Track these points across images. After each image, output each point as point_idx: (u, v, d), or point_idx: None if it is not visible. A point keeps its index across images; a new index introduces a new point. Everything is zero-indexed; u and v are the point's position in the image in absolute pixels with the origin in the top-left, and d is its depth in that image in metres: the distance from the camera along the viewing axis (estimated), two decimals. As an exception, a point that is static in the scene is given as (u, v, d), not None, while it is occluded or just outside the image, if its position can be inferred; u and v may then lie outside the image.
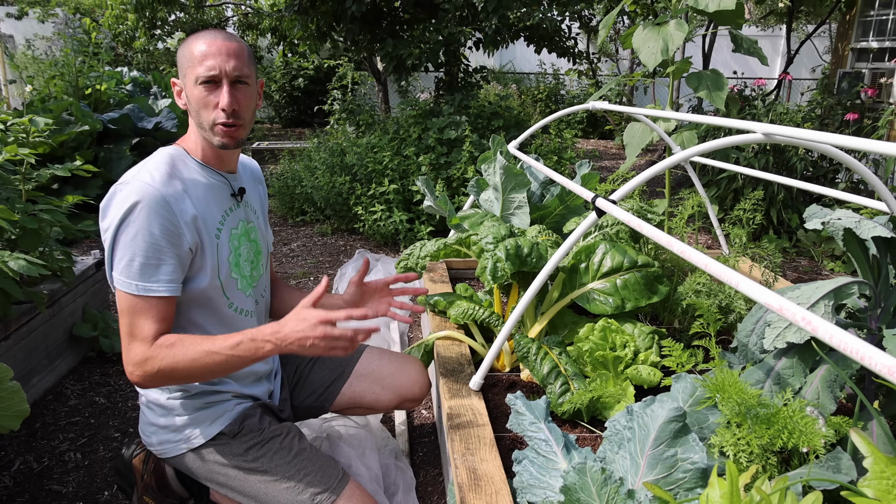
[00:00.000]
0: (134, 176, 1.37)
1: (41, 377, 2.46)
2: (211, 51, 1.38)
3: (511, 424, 1.38)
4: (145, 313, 1.35)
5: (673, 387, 1.33)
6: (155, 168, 1.39)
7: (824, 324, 0.73)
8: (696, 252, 1.05)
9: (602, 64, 10.43)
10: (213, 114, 1.40)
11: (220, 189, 1.52)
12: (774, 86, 5.48)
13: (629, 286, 1.89)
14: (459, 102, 4.46)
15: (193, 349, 1.33)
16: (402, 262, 2.16)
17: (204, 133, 1.44)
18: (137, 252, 1.33)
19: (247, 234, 1.59)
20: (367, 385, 1.82)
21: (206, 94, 1.39)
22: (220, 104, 1.38)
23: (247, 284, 1.58)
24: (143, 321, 1.35)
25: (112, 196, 1.36)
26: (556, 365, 1.73)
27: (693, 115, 1.75)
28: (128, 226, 1.33)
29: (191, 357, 1.33)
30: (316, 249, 4.28)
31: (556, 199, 2.41)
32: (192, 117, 1.45)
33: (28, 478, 1.96)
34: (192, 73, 1.38)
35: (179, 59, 1.43)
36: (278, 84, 10.47)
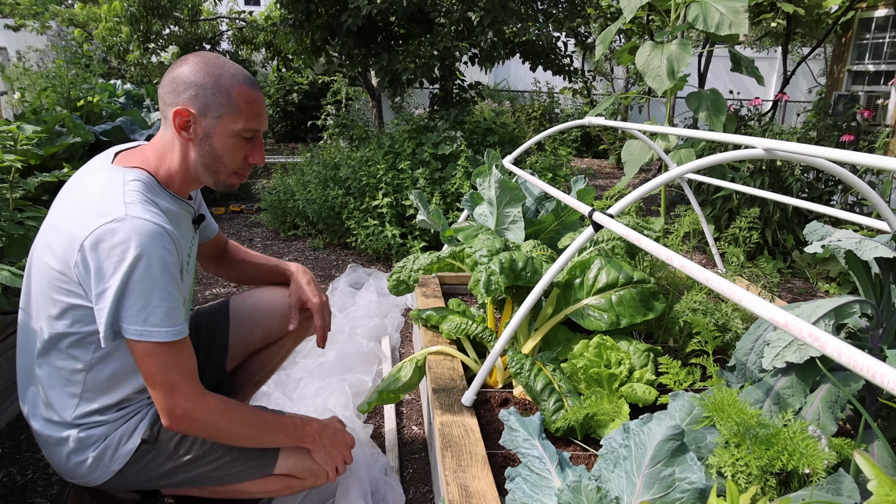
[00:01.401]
0: (115, 211, 1.23)
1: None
2: (260, 108, 1.37)
3: (504, 441, 1.34)
4: (181, 359, 1.29)
5: (670, 405, 1.30)
6: (137, 200, 1.28)
7: (833, 340, 0.71)
8: (697, 267, 1.03)
9: (597, 83, 10.51)
10: (238, 164, 1.40)
11: (186, 219, 1.48)
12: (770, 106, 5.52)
13: (624, 302, 1.87)
14: (454, 118, 4.46)
15: (249, 413, 1.40)
16: (395, 276, 2.13)
17: (211, 176, 1.40)
18: (158, 294, 1.24)
19: (194, 256, 1.58)
20: (249, 325, 1.82)
21: (241, 146, 1.37)
22: (253, 160, 1.41)
23: (189, 304, 1.56)
24: (183, 367, 1.29)
25: (102, 238, 1.22)
26: (550, 381, 1.70)
27: (693, 130, 1.74)
28: (139, 269, 1.21)
29: (245, 421, 1.38)
30: (308, 264, 4.24)
31: (552, 214, 2.39)
32: (198, 157, 1.37)
33: (11, 490, 1.90)
34: (235, 123, 1.34)
35: (207, 95, 1.32)
36: (272, 99, 10.47)
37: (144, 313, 1.23)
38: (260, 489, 1.53)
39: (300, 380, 2.44)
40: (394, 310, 3.22)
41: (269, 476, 1.50)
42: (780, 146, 1.48)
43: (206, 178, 1.41)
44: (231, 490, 1.51)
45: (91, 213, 1.24)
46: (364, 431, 2.09)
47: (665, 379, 1.36)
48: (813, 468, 0.96)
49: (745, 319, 1.98)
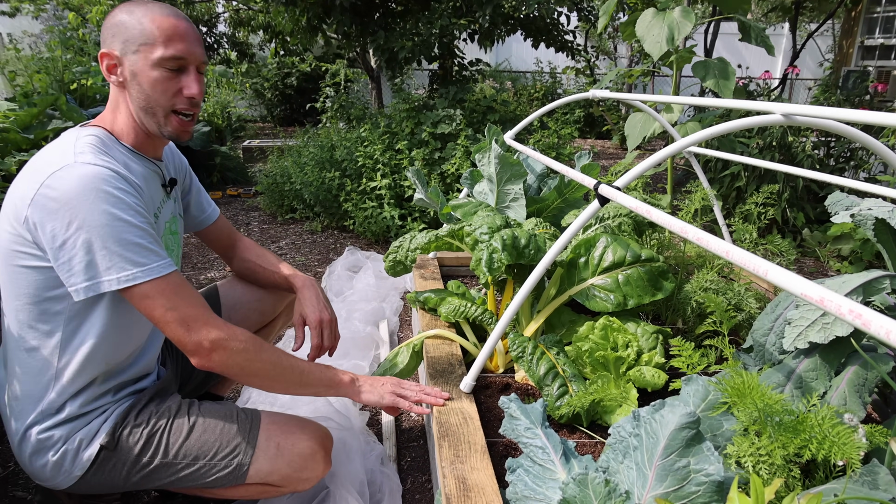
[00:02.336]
0: (64, 163, 1.17)
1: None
2: (178, 32, 1.25)
3: (504, 430, 1.26)
4: (185, 290, 1.22)
5: (683, 389, 1.21)
6: (88, 149, 1.21)
7: (878, 317, 0.61)
8: (715, 239, 0.93)
9: (600, 62, 10.33)
10: (173, 100, 1.28)
11: (153, 179, 1.38)
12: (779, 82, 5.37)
13: (632, 282, 1.77)
14: (454, 96, 4.33)
15: (274, 351, 1.32)
16: (391, 256, 2.03)
17: (151, 119, 1.30)
18: (132, 231, 1.16)
19: (171, 227, 1.48)
20: (244, 311, 1.76)
21: (167, 78, 1.26)
22: (188, 92, 1.28)
23: None
24: (191, 298, 1.22)
25: (51, 186, 1.14)
26: (554, 366, 1.61)
27: (704, 98, 1.63)
28: (98, 212, 1.13)
29: (276, 355, 1.31)
30: (305, 247, 4.15)
31: (554, 191, 2.28)
32: (133, 100, 1.29)
33: (-11, 483, 1.83)
34: (152, 53, 1.24)
35: (123, 32, 1.25)
36: (271, 82, 10.31)
37: (123, 255, 1.15)
38: (234, 494, 1.44)
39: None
40: (392, 293, 3.13)
41: (243, 485, 1.40)
42: (801, 110, 1.37)
43: (150, 123, 1.31)
44: (204, 492, 1.44)
45: (41, 169, 1.18)
46: (360, 419, 2.01)
47: (677, 362, 1.27)
48: (847, 459, 0.87)
49: (759, 299, 1.88)
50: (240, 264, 1.78)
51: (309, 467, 1.40)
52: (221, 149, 6.15)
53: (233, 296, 1.78)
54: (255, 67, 10.42)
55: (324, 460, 1.43)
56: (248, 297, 1.79)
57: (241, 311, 1.77)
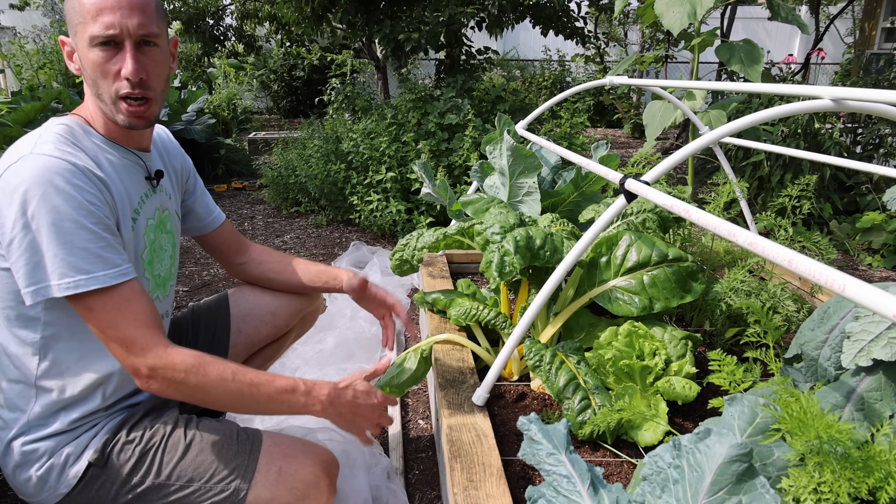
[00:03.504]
0: (22, 154, 1.07)
1: None
2: (107, 4, 1.08)
3: (524, 454, 1.12)
4: (130, 306, 1.08)
5: (726, 411, 1.07)
6: (51, 140, 1.10)
7: None
8: (774, 245, 0.79)
9: (610, 49, 10.10)
10: (115, 84, 1.13)
11: (133, 170, 1.25)
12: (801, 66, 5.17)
13: (658, 284, 1.63)
14: (462, 85, 4.18)
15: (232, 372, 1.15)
16: (398, 254, 1.90)
17: (105, 106, 1.16)
18: (80, 235, 1.04)
19: (162, 225, 1.34)
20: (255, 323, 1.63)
21: (104, 60, 1.10)
22: (124, 72, 1.11)
23: (156, 286, 1.33)
24: (135, 316, 1.08)
25: (6, 180, 1.04)
26: (575, 376, 1.47)
27: (742, 83, 1.48)
28: (45, 210, 1.03)
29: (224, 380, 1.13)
30: (310, 242, 4.02)
31: (571, 184, 2.14)
32: (87, 86, 1.16)
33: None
34: (85, 32, 1.09)
35: (68, 12, 1.13)
36: (277, 74, 10.16)
37: (67, 260, 1.03)
38: None
39: (296, 369, 2.24)
40: (399, 290, 3.00)
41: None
42: (852, 94, 1.22)
43: (105, 110, 1.17)
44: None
45: (3, 161, 1.08)
46: (365, 429, 1.88)
47: (717, 378, 1.13)
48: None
49: (797, 300, 1.74)
50: (257, 267, 1.64)
51: (312, 496, 1.26)
52: (226, 141, 6.03)
53: (244, 306, 1.66)
54: (261, 59, 10.28)
55: (328, 489, 1.29)
56: (261, 308, 1.67)
57: (252, 323, 1.65)
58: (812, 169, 3.36)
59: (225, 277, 3.32)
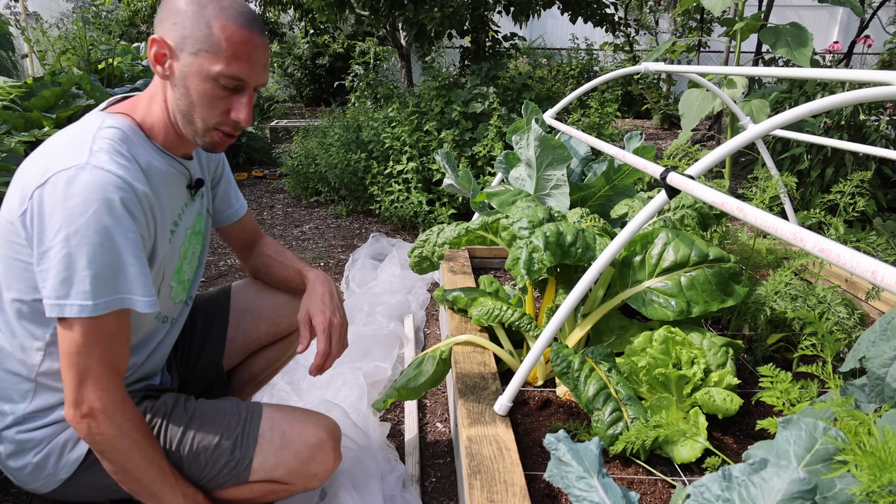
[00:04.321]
0: (77, 163, 1.03)
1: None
2: (248, 50, 1.09)
3: (551, 476, 1.02)
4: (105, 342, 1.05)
5: (780, 435, 0.95)
6: (106, 149, 1.06)
7: None
8: (853, 253, 0.67)
9: (640, 37, 9.83)
10: (220, 119, 1.13)
11: (176, 180, 1.23)
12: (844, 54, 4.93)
13: (697, 286, 1.51)
14: (487, 72, 4.05)
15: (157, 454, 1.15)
16: (417, 251, 1.80)
17: (188, 126, 1.14)
18: (99, 258, 1.02)
19: (199, 233, 1.34)
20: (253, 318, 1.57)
21: (219, 97, 1.10)
22: (236, 115, 1.13)
23: (181, 291, 1.33)
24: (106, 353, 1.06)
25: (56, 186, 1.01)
26: (605, 385, 1.36)
27: (791, 69, 1.35)
28: (91, 231, 1.00)
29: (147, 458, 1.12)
30: (329, 232, 3.95)
31: (602, 177, 2.01)
32: (174, 100, 1.13)
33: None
34: (210, 63, 1.08)
35: (186, 25, 1.08)
36: (301, 62, 10.10)
37: (71, 281, 1.01)
38: (237, 496, 1.29)
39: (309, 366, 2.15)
40: (419, 284, 2.90)
41: (246, 483, 1.26)
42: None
43: (186, 129, 1.16)
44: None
45: (53, 159, 1.05)
46: (379, 431, 1.79)
47: (769, 397, 1.01)
48: None
49: (847, 305, 1.60)
50: (256, 259, 1.60)
51: (317, 459, 1.26)
52: (248, 129, 5.98)
53: (245, 299, 1.60)
54: (286, 47, 10.23)
55: (333, 451, 1.29)
56: (262, 303, 1.60)
57: (251, 319, 1.59)
58: (856, 163, 3.18)
59: (242, 268, 3.26)
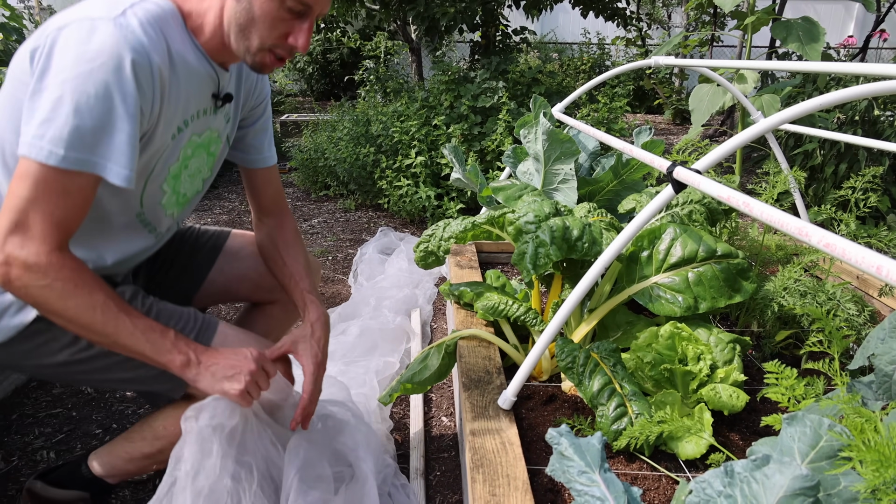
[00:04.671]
0: (110, 14, 0.99)
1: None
2: None
3: (552, 470, 1.02)
4: (61, 199, 0.98)
5: (784, 432, 0.94)
6: (142, 15, 1.02)
7: None
8: (859, 248, 0.66)
9: (652, 31, 9.75)
10: (276, 41, 1.11)
11: (203, 82, 1.18)
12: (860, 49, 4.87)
13: (705, 282, 1.50)
14: (496, 67, 4.03)
15: (104, 293, 1.04)
16: (422, 245, 1.80)
17: (241, 41, 1.11)
18: (85, 109, 0.96)
19: (206, 146, 1.27)
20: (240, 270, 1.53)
21: (282, 19, 1.09)
22: (294, 42, 1.12)
23: (174, 203, 1.26)
24: (52, 209, 0.98)
25: (75, 30, 0.97)
26: (610, 381, 1.36)
27: (801, 63, 1.33)
28: (90, 82, 0.96)
29: (93, 303, 1.02)
30: (338, 226, 3.96)
31: (610, 172, 2.00)
32: (231, 11, 1.09)
33: (-9, 479, 1.70)
34: None
35: None
36: (312, 56, 10.13)
37: (51, 124, 0.96)
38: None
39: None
40: (426, 279, 2.91)
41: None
42: (943, 74, 1.07)
43: (238, 43, 1.12)
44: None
45: (83, 10, 1.01)
46: (383, 426, 1.80)
47: (773, 393, 1.00)
48: None
49: (858, 302, 1.58)
50: (268, 238, 1.50)
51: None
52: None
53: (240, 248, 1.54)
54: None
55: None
56: (253, 260, 1.53)
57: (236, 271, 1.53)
58: (870, 159, 3.14)
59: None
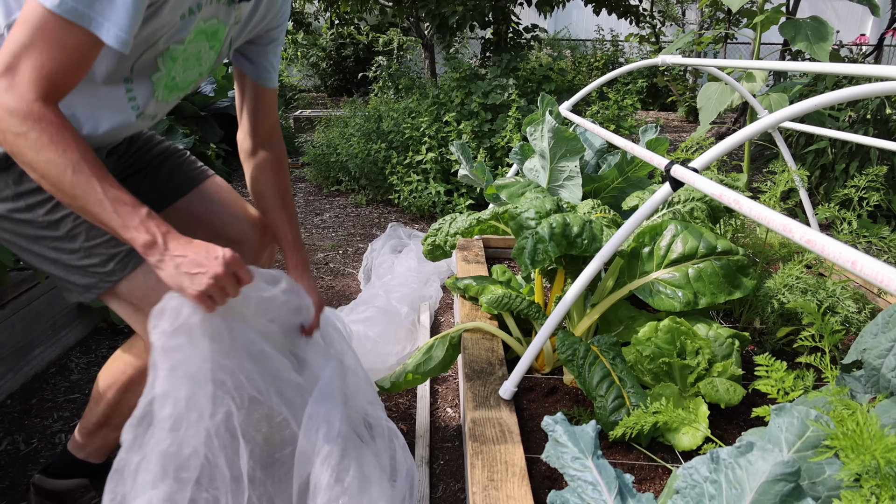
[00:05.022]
0: None
1: (44, 349, 2.28)
2: None
3: (548, 456, 1.06)
4: (54, 50, 0.94)
5: (772, 423, 0.97)
6: None
7: None
8: (836, 243, 0.69)
9: (666, 28, 9.71)
10: None
11: None
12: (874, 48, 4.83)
13: (704, 277, 1.52)
14: (507, 64, 4.06)
15: (80, 153, 0.97)
16: (430, 239, 1.84)
17: None
18: None
19: (214, 36, 1.21)
20: (202, 214, 1.46)
21: None
22: None
23: (164, 84, 1.22)
24: (44, 59, 0.93)
25: None
26: (609, 373, 1.39)
27: (800, 63, 1.35)
28: None
29: (65, 161, 0.95)
30: (349, 221, 4.01)
31: (615, 169, 2.03)
32: None
33: (13, 460, 1.77)
34: None
35: None
36: (325, 52, 10.18)
37: None
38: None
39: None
40: (434, 277, 2.94)
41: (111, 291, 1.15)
42: (937, 75, 1.09)
43: None
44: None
45: None
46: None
47: (763, 385, 1.03)
48: None
49: (858, 300, 1.60)
50: (259, 172, 1.46)
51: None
52: (270, 119, 6.05)
53: (213, 194, 1.49)
54: (311, 38, 10.31)
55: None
56: (217, 209, 1.48)
57: (204, 212, 1.48)
58: (882, 158, 3.13)
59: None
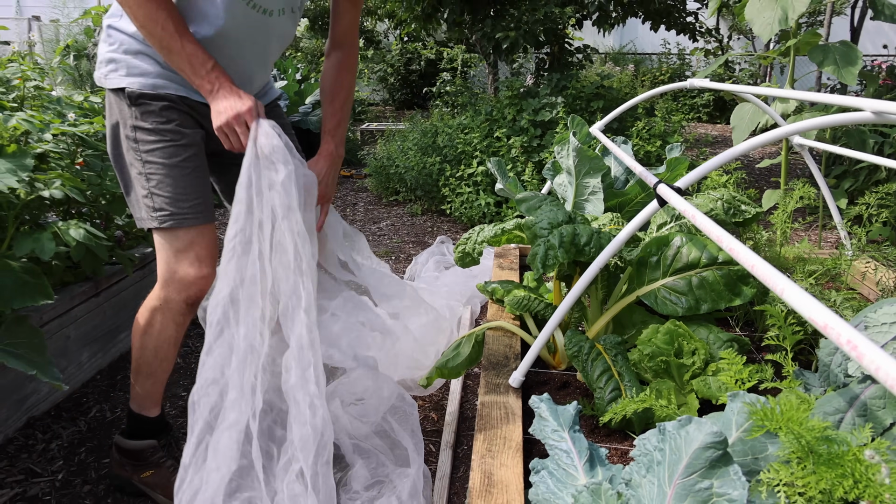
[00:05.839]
0: None
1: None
2: None
3: (534, 430, 1.24)
4: None
5: (728, 406, 1.12)
6: None
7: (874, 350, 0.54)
8: (744, 249, 0.85)
9: (734, 42, 9.56)
10: None
11: None
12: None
13: (706, 285, 1.66)
14: (557, 83, 4.23)
15: (168, 13, 1.29)
16: (461, 247, 2.05)
17: None
18: None
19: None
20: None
21: None
22: None
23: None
24: None
25: None
26: (609, 368, 1.55)
27: (787, 90, 1.48)
28: None
29: (157, 17, 1.28)
30: (403, 229, 4.27)
31: (637, 185, 2.18)
32: None
33: (100, 424, 2.08)
34: None
35: None
36: (394, 67, 10.61)
37: None
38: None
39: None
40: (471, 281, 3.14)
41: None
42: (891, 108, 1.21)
43: None
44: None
45: None
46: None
47: (724, 377, 1.18)
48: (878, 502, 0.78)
49: (857, 311, 1.69)
50: (329, 68, 1.69)
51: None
52: (338, 132, 6.42)
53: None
54: (380, 54, 10.77)
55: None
56: None
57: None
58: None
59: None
